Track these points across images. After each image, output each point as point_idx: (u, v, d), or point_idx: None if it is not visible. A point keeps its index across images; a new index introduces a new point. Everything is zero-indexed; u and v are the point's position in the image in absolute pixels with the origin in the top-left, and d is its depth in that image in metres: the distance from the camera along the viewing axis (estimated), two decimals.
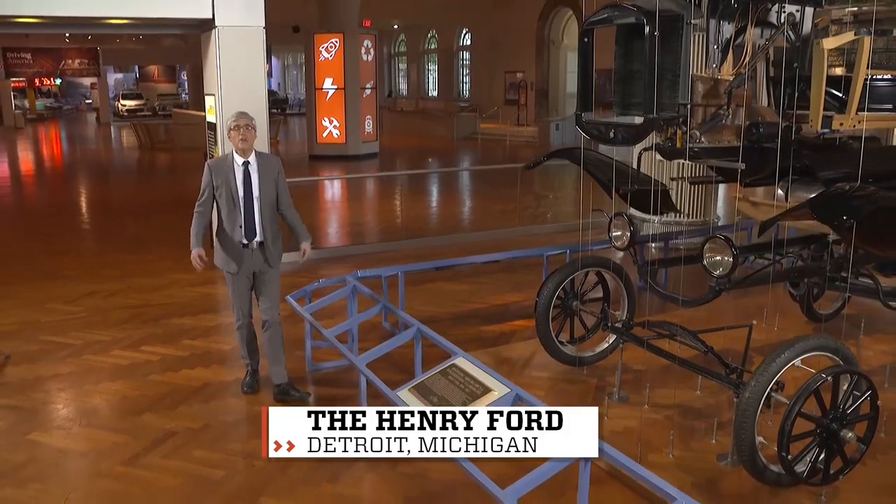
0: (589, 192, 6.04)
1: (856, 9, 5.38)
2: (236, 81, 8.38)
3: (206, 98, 8.93)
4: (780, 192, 5.09)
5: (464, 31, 36.63)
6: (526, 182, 13.90)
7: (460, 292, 8.10)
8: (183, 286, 8.36)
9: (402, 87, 44.07)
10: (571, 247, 7.58)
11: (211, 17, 8.20)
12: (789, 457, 3.93)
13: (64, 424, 5.18)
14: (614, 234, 5.40)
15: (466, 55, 37.10)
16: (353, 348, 5.70)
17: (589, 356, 5.89)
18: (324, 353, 6.08)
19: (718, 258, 4.48)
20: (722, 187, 9.49)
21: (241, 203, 5.15)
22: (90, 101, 52.39)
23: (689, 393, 5.47)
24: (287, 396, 5.39)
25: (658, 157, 4.82)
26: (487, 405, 4.06)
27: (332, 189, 16.50)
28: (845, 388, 4.06)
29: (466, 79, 37.42)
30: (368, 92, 22.15)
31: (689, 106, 4.32)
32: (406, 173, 18.32)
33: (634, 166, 5.28)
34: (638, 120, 4.50)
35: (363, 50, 21.72)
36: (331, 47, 21.03)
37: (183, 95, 51.80)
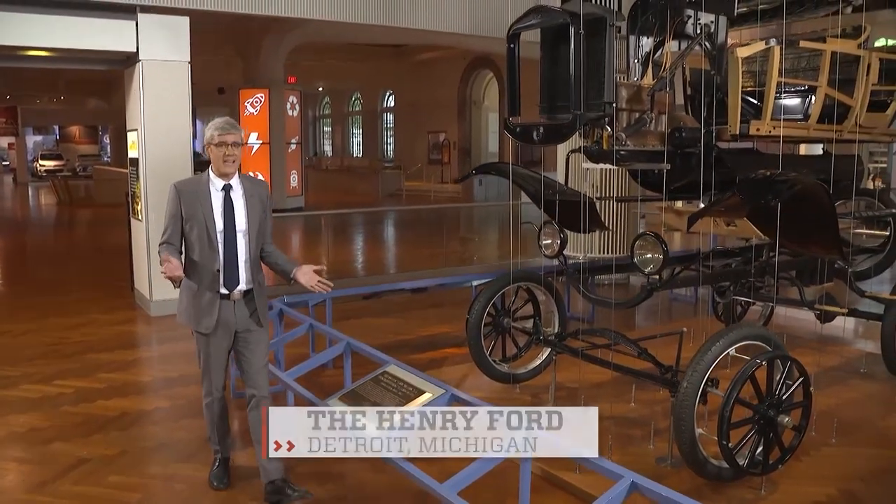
0: (518, 211, 6.06)
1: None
2: (161, 116, 8.19)
3: (129, 134, 8.70)
4: (702, 204, 5.21)
5: (387, 94, 37.09)
6: (452, 227, 13.93)
7: (389, 325, 7.97)
8: (101, 325, 8.02)
9: (327, 148, 44.11)
10: (500, 272, 7.54)
11: (135, 50, 8.07)
12: (729, 445, 3.90)
13: None
14: (544, 242, 5.39)
15: (390, 116, 37.51)
16: (280, 368, 5.49)
17: (522, 373, 5.82)
18: None
19: (649, 255, 4.51)
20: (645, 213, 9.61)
21: (221, 241, 3.93)
22: (7, 162, 50.59)
23: (624, 405, 5.45)
24: (283, 497, 3.99)
25: (585, 163, 4.88)
26: (422, 406, 3.94)
27: None
28: (778, 377, 4.10)
29: (391, 139, 37.75)
30: (294, 147, 22.05)
31: (615, 105, 4.38)
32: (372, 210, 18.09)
33: (562, 170, 5.31)
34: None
35: (289, 105, 21.70)
36: (256, 102, 20.91)
37: (105, 157, 50.47)
